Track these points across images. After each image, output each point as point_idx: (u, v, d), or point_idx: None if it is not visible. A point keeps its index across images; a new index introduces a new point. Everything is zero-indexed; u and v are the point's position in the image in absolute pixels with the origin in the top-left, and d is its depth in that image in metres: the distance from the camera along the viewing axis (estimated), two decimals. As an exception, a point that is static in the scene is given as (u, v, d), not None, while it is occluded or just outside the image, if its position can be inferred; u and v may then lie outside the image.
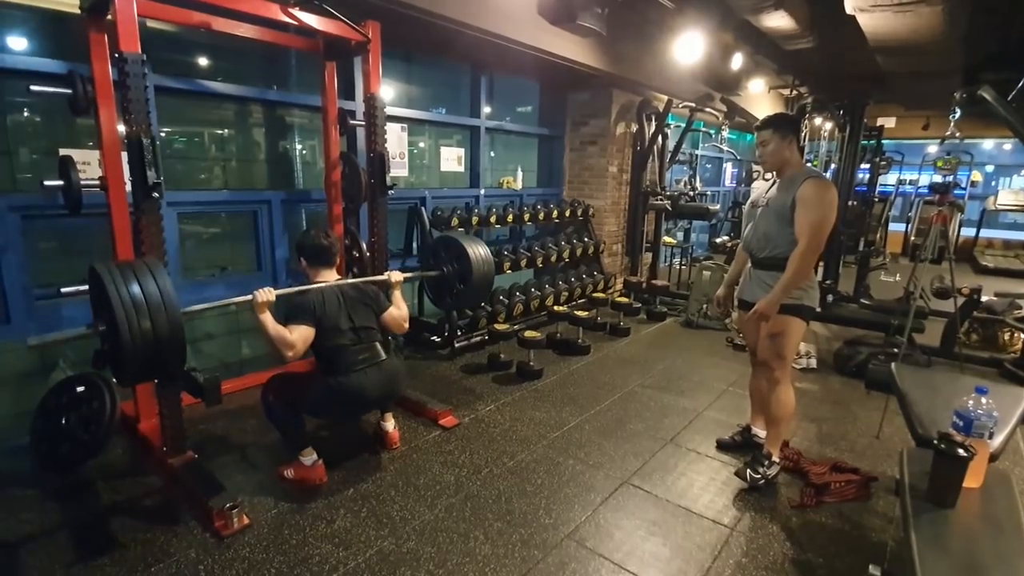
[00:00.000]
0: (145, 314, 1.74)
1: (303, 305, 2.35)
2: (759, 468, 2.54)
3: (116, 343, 1.73)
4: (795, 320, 2.47)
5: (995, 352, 4.39)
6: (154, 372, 1.93)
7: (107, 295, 1.70)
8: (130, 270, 1.80)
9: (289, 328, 2.26)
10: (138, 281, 1.77)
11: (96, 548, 2.04)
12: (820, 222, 2.33)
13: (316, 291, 2.40)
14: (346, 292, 2.50)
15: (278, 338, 2.23)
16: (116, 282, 1.74)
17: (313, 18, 2.78)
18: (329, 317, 2.38)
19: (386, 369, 2.51)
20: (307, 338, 2.30)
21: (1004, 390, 2.25)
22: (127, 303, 1.72)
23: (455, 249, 3.11)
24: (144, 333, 1.73)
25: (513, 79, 5.45)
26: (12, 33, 2.71)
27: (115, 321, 1.69)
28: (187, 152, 3.39)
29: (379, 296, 2.63)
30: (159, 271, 1.85)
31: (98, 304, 1.83)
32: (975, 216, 9.90)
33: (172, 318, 1.80)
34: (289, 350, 2.23)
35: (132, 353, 1.72)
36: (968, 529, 1.54)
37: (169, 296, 1.81)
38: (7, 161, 2.71)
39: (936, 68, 5.32)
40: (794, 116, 2.77)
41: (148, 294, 1.76)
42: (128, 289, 1.74)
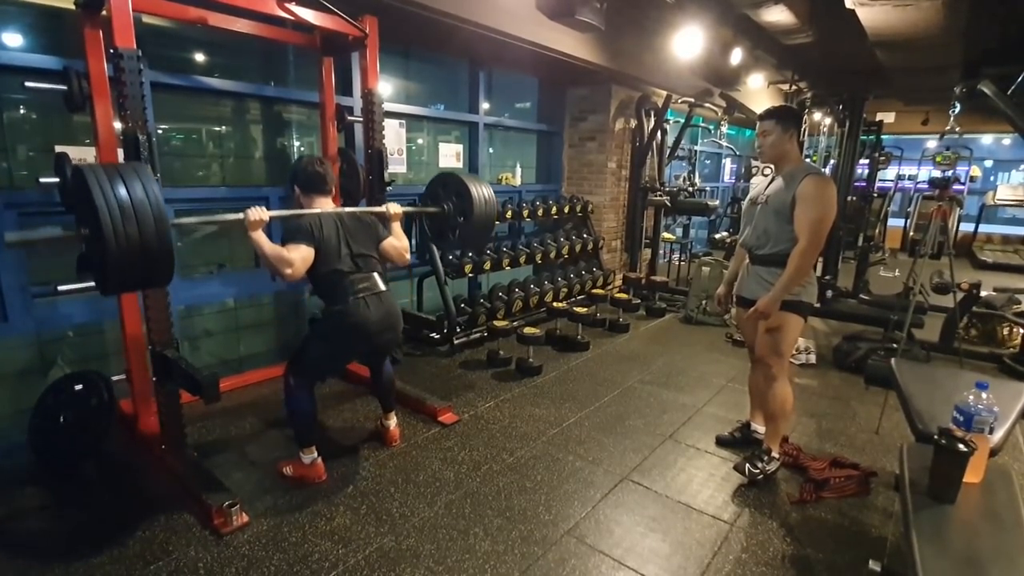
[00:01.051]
0: (131, 217, 1.64)
1: (300, 227, 2.26)
2: (758, 463, 2.55)
3: (100, 247, 1.64)
4: (793, 316, 2.47)
5: (994, 347, 4.39)
6: (139, 280, 1.83)
7: (91, 196, 1.61)
8: (117, 172, 1.70)
9: (287, 247, 2.19)
10: (125, 184, 1.67)
11: (95, 546, 2.04)
12: (820, 219, 2.32)
13: (313, 215, 2.32)
14: (344, 219, 2.42)
15: (275, 256, 2.14)
16: (101, 183, 1.64)
17: (310, 13, 2.76)
18: (327, 241, 2.30)
19: (386, 301, 2.43)
20: (306, 258, 2.22)
21: (1004, 385, 2.26)
22: (112, 205, 1.62)
23: (455, 185, 3.00)
24: (130, 236, 1.64)
25: (512, 75, 5.43)
26: (7, 29, 2.69)
27: (99, 223, 1.60)
28: (184, 149, 3.37)
29: (377, 225, 2.55)
30: (146, 175, 1.75)
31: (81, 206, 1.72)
32: (974, 211, 9.90)
33: (159, 222, 1.70)
34: (288, 267, 2.15)
35: (117, 258, 1.64)
36: (968, 524, 1.54)
37: (156, 199, 1.71)
38: (3, 158, 2.69)
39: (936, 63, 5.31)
40: (798, 110, 2.73)
41: (135, 197, 1.66)
42: (114, 191, 1.64)
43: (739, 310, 2.70)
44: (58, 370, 2.89)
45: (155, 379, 2.44)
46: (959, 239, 9.23)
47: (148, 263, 1.72)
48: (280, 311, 3.91)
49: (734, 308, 2.81)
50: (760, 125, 2.52)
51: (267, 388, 3.40)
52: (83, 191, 1.65)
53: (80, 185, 1.67)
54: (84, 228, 1.73)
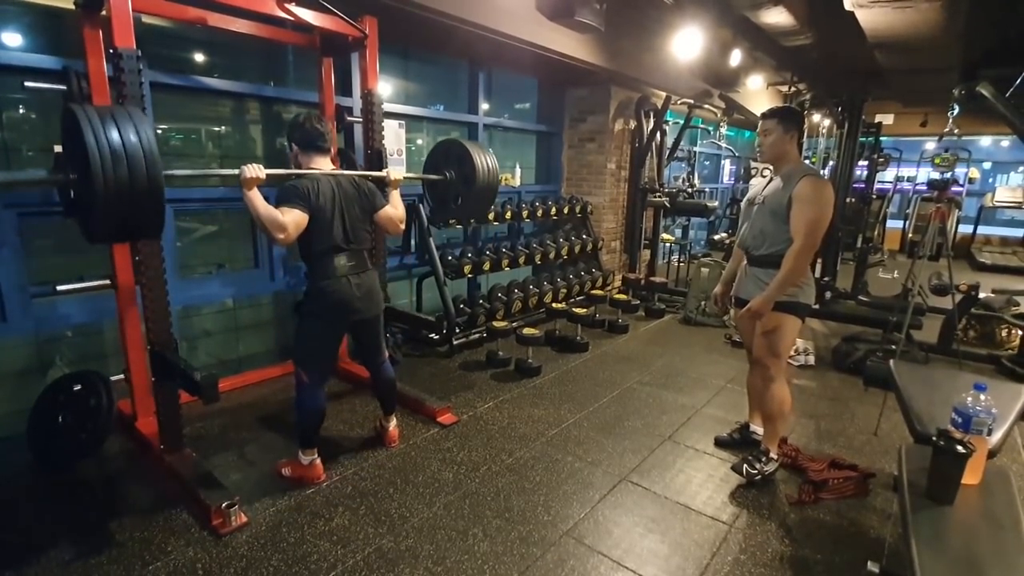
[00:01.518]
0: (122, 161, 1.58)
1: (296, 190, 2.21)
2: (756, 464, 2.55)
3: (89, 191, 1.57)
4: (790, 317, 2.47)
5: (992, 349, 4.39)
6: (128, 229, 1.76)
7: (82, 137, 1.54)
8: (110, 115, 1.63)
9: (281, 210, 2.13)
10: (117, 126, 1.60)
11: (93, 546, 2.04)
12: (816, 220, 2.32)
13: (311, 177, 2.27)
14: (342, 184, 2.38)
15: (268, 217, 2.10)
16: (93, 124, 1.57)
17: (310, 14, 2.76)
18: (322, 209, 2.26)
19: (367, 280, 2.44)
20: (299, 223, 2.17)
21: (1002, 386, 2.26)
22: (104, 148, 1.55)
23: (457, 151, 2.97)
24: (120, 181, 1.57)
25: (511, 75, 5.43)
26: (6, 29, 2.68)
27: (88, 164, 1.54)
28: (184, 149, 3.37)
29: (375, 193, 2.51)
30: (141, 120, 1.68)
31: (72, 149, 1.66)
32: (973, 213, 9.91)
33: (152, 168, 1.64)
34: (280, 232, 2.11)
35: (106, 203, 1.57)
36: (967, 525, 1.54)
37: (150, 145, 1.65)
38: (2, 158, 2.69)
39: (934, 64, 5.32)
40: (800, 112, 2.76)
41: (127, 141, 1.60)
42: (106, 133, 1.57)
43: (737, 311, 2.71)
44: (57, 370, 2.89)
45: (154, 379, 2.44)
46: (958, 241, 9.26)
47: (138, 210, 1.65)
48: (279, 311, 3.91)
49: (732, 309, 2.82)
50: (762, 124, 2.52)
51: (266, 388, 3.39)
52: (73, 132, 1.59)
53: (71, 126, 1.61)
54: (73, 172, 1.67)
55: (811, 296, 2.50)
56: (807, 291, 2.47)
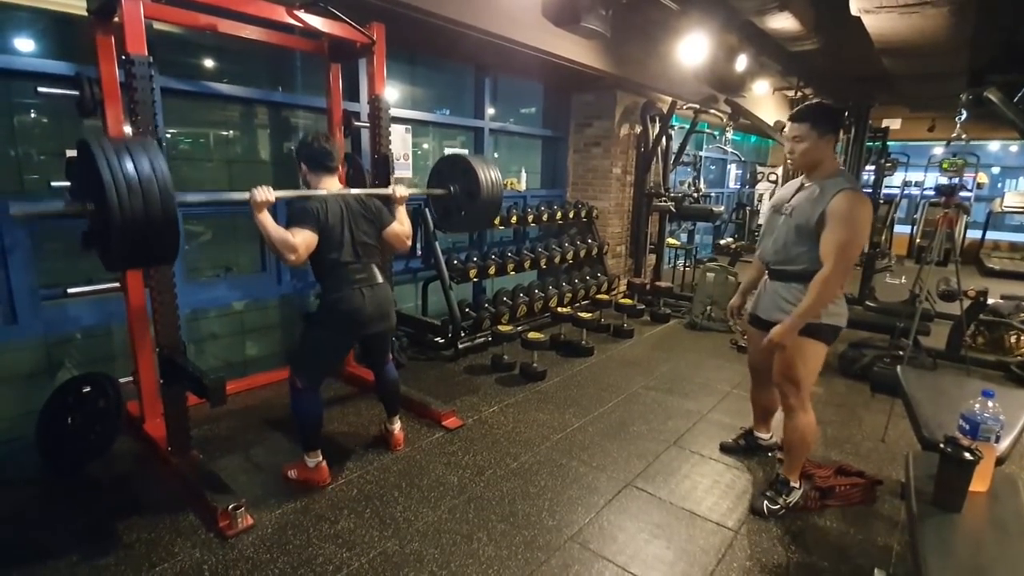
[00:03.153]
0: (138, 192, 1.64)
1: (306, 210, 2.25)
2: (778, 499, 2.36)
3: (105, 221, 1.63)
4: (811, 343, 2.19)
5: (1001, 355, 4.36)
6: (144, 256, 1.82)
7: (97, 169, 1.60)
8: (124, 147, 1.70)
9: (291, 231, 2.18)
10: (132, 158, 1.67)
11: (100, 547, 2.05)
12: (850, 244, 2.06)
13: (319, 197, 2.31)
14: (349, 203, 2.42)
15: (279, 239, 2.14)
16: (108, 156, 1.63)
17: (318, 20, 2.79)
18: (331, 227, 2.31)
19: (380, 293, 2.46)
20: (310, 243, 2.22)
21: (1011, 393, 2.24)
22: (119, 179, 1.62)
23: (461, 166, 3.00)
24: (135, 211, 1.63)
25: (517, 81, 5.45)
26: (20, 35, 2.72)
27: (105, 197, 1.59)
28: (192, 153, 3.40)
29: (382, 211, 2.55)
30: (153, 150, 1.74)
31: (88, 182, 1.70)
32: (981, 218, 9.85)
33: (165, 198, 1.70)
34: (291, 253, 2.15)
35: (122, 232, 1.63)
36: (974, 533, 1.53)
37: (163, 176, 1.71)
38: (15, 162, 2.72)
39: (942, 70, 5.30)
40: (838, 109, 2.29)
41: (141, 172, 1.66)
42: (121, 165, 1.63)
43: (752, 329, 2.50)
44: (66, 372, 2.91)
45: (162, 381, 2.45)
46: (966, 246, 9.19)
47: (153, 239, 1.71)
48: (286, 315, 3.93)
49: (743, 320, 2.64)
50: (790, 128, 2.21)
51: (272, 391, 3.41)
52: (89, 165, 1.64)
53: (87, 159, 1.66)
54: (89, 203, 1.72)
55: (840, 317, 2.22)
56: (832, 310, 2.18)
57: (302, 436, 2.50)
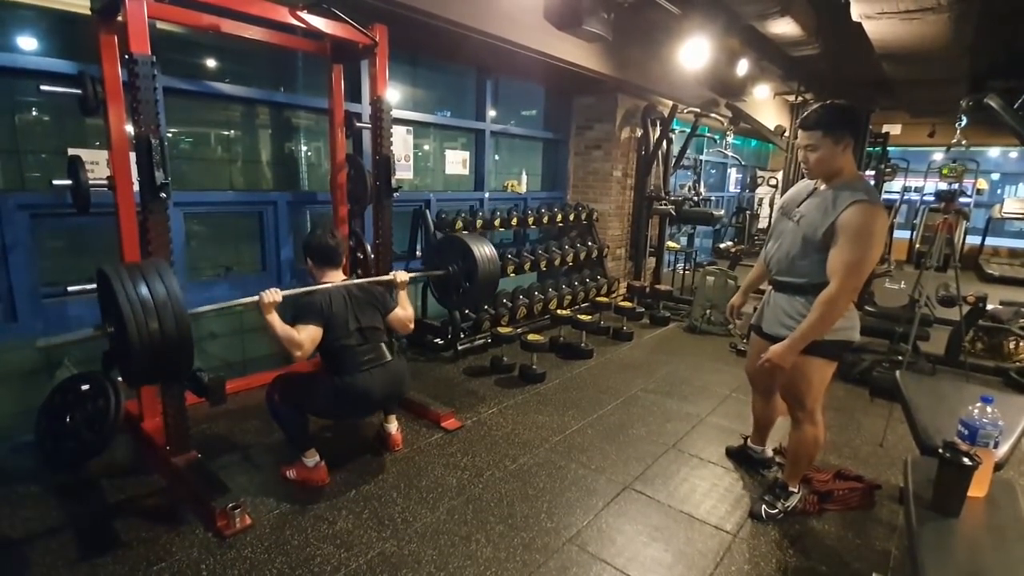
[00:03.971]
0: (153, 315, 1.74)
1: (311, 305, 2.34)
2: (776, 503, 2.34)
3: (124, 344, 1.73)
4: (813, 361, 2.08)
5: (1000, 361, 4.36)
6: (162, 373, 1.93)
7: (115, 296, 1.71)
8: (138, 271, 1.81)
9: (297, 328, 2.26)
10: (146, 282, 1.78)
11: (99, 546, 2.05)
12: (860, 263, 1.89)
13: (323, 292, 2.41)
14: (352, 292, 2.50)
15: (286, 338, 2.22)
16: (124, 283, 1.74)
17: (321, 21, 2.80)
18: (336, 317, 2.38)
19: (391, 370, 2.51)
20: (315, 338, 2.29)
21: (1009, 399, 2.25)
22: (135, 304, 1.72)
23: (460, 248, 3.09)
24: (152, 334, 1.74)
25: (518, 83, 5.47)
26: (23, 33, 2.73)
27: (123, 322, 1.70)
28: (194, 153, 3.41)
29: (385, 296, 2.63)
30: (166, 272, 1.86)
31: (106, 305, 1.84)
32: (981, 224, 9.86)
33: (179, 319, 1.80)
34: (297, 350, 2.22)
35: (140, 354, 1.72)
36: (972, 538, 1.53)
37: (176, 297, 1.81)
38: (17, 160, 2.73)
39: (942, 76, 5.32)
40: (852, 110, 2.01)
41: (156, 295, 1.77)
42: (136, 290, 1.75)
43: (753, 338, 2.42)
44: (65, 370, 2.91)
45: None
46: (965, 252, 9.20)
47: (170, 358, 1.81)
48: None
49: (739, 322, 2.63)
50: (802, 136, 2.03)
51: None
52: (108, 292, 1.76)
53: (105, 286, 1.79)
54: (110, 326, 1.84)
55: (849, 331, 2.09)
56: (841, 326, 2.03)
57: (291, 440, 2.53)
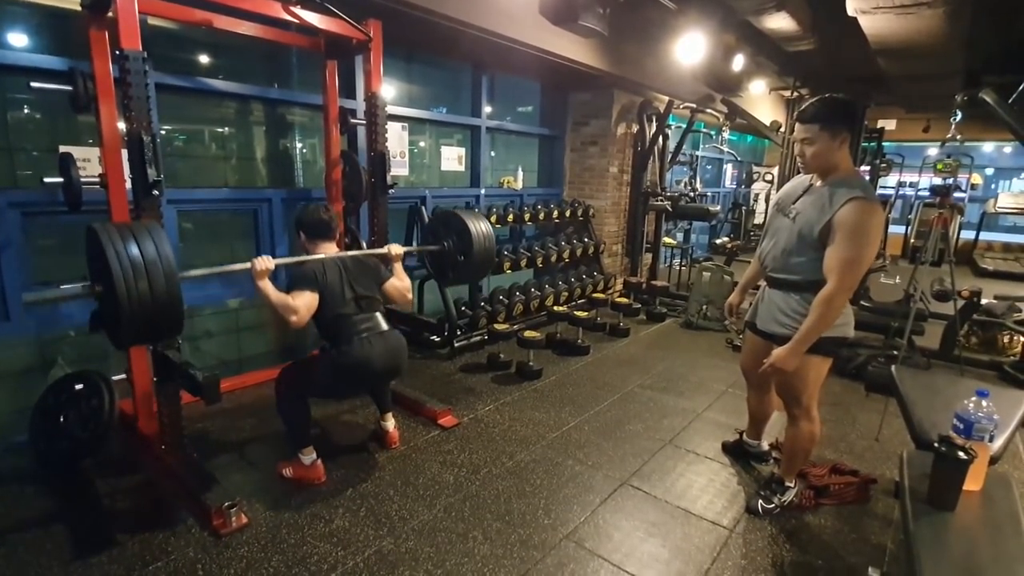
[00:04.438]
0: (143, 275, 1.71)
1: (305, 273, 2.34)
2: (773, 498, 2.35)
3: (113, 304, 1.70)
4: (812, 358, 2.07)
5: (994, 355, 4.38)
6: (151, 335, 1.90)
7: (104, 254, 1.67)
8: (128, 230, 1.77)
9: (292, 295, 2.26)
10: (136, 242, 1.74)
11: (94, 546, 2.04)
12: (857, 261, 1.89)
13: (316, 261, 2.40)
14: (346, 263, 2.49)
15: (280, 303, 2.22)
16: (114, 241, 1.70)
17: (315, 16, 2.78)
18: (331, 286, 2.37)
19: (390, 340, 2.48)
20: (311, 304, 2.29)
21: (1004, 393, 2.26)
22: (125, 263, 1.69)
23: (456, 224, 3.05)
24: (141, 294, 1.70)
25: (514, 79, 5.45)
26: (13, 29, 2.70)
27: (112, 281, 1.67)
28: (188, 150, 3.38)
29: (380, 267, 2.63)
30: (158, 233, 1.81)
31: (95, 264, 1.79)
32: (975, 219, 9.91)
33: (170, 279, 1.77)
34: (293, 315, 2.21)
35: (129, 314, 1.70)
36: (968, 532, 1.54)
37: (167, 257, 1.78)
38: (7, 157, 2.70)
39: (937, 71, 5.32)
40: (849, 104, 2.01)
41: (146, 255, 1.73)
42: (126, 249, 1.71)
43: (748, 334, 2.43)
44: (59, 369, 2.89)
45: (156, 379, 2.44)
46: (960, 246, 9.24)
47: (159, 319, 1.78)
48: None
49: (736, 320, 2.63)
50: (799, 129, 2.02)
51: (267, 389, 3.37)
52: (97, 251, 1.72)
53: (94, 245, 1.74)
54: (98, 285, 1.80)
55: (843, 327, 2.10)
56: (839, 322, 2.04)
57: (291, 435, 2.53)
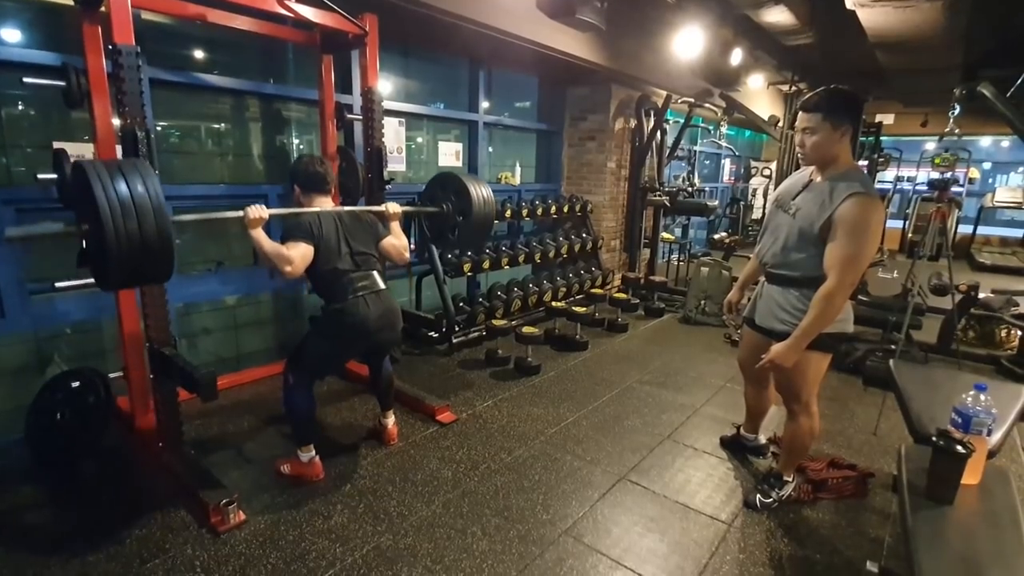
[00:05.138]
0: (132, 213, 1.64)
1: (300, 225, 2.29)
2: (771, 492, 2.36)
3: (101, 243, 1.64)
4: (812, 354, 2.07)
5: (992, 349, 4.40)
6: (140, 276, 1.84)
7: (92, 191, 1.61)
8: (117, 167, 1.71)
9: (287, 245, 2.22)
10: (125, 180, 1.67)
11: (91, 543, 2.03)
12: (858, 257, 1.88)
13: (312, 214, 2.35)
14: (343, 218, 2.45)
15: (274, 253, 2.17)
16: (102, 178, 1.64)
17: (310, 11, 2.75)
18: (327, 239, 2.33)
19: (385, 300, 2.44)
20: (306, 255, 2.24)
21: (1001, 387, 2.26)
22: (113, 200, 1.62)
23: (455, 186, 3.00)
24: (131, 233, 1.64)
25: (512, 74, 5.43)
26: (5, 25, 2.67)
27: (100, 219, 1.60)
28: (183, 146, 3.36)
29: (377, 224, 2.58)
30: (147, 172, 1.74)
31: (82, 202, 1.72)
32: (973, 213, 9.92)
33: (160, 219, 1.70)
34: (287, 265, 2.17)
35: (117, 253, 1.64)
36: (966, 525, 1.54)
37: (157, 196, 1.71)
38: (1, 154, 2.68)
39: (935, 64, 5.31)
40: (854, 96, 1.98)
41: (135, 194, 1.67)
42: (115, 186, 1.64)
43: (746, 330, 2.42)
44: (55, 367, 2.88)
45: (153, 377, 2.43)
46: (957, 241, 9.26)
47: (149, 259, 1.71)
48: (278, 309, 3.90)
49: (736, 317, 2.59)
50: (801, 118, 2.01)
51: (265, 386, 3.39)
52: (84, 187, 1.65)
53: (81, 181, 1.67)
54: (85, 224, 1.73)
55: (845, 324, 2.10)
56: (839, 318, 2.03)
57: (295, 430, 2.50)
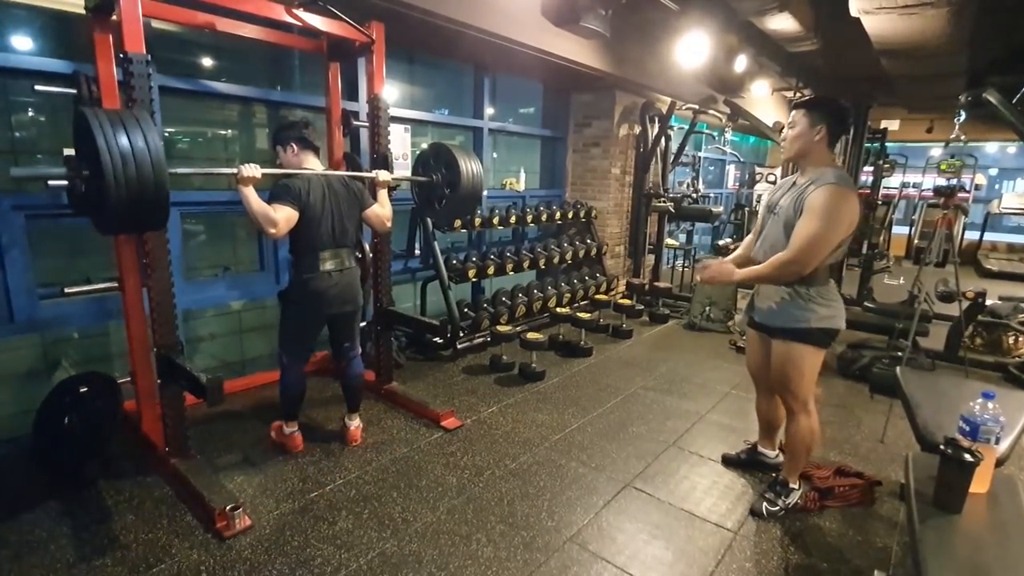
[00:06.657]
0: (131, 160, 1.73)
1: (289, 188, 2.38)
2: (777, 500, 2.36)
3: (100, 187, 1.72)
4: (801, 348, 2.15)
5: (999, 356, 4.36)
6: (136, 222, 1.93)
7: (93, 137, 1.69)
8: (118, 117, 1.79)
9: (274, 207, 2.31)
10: (126, 129, 1.76)
11: (97, 548, 2.04)
12: (819, 238, 1.99)
13: (303, 178, 2.45)
14: (332, 184, 2.55)
15: (261, 213, 2.28)
16: (104, 126, 1.72)
17: (317, 19, 2.78)
18: (312, 208, 2.44)
19: (347, 276, 2.62)
20: (290, 219, 2.35)
21: (1010, 394, 2.24)
22: (113, 147, 1.70)
23: (446, 157, 3.09)
24: (129, 179, 1.73)
25: (516, 80, 5.45)
26: (17, 33, 2.71)
27: (100, 164, 1.68)
28: (191, 152, 3.39)
29: (364, 192, 2.70)
30: (147, 123, 1.83)
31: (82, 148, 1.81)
32: (979, 219, 9.87)
33: (157, 167, 1.79)
34: (271, 227, 2.29)
35: (116, 199, 1.72)
36: (974, 535, 1.53)
37: (155, 146, 1.80)
38: (12, 160, 2.71)
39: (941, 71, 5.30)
40: (837, 104, 2.19)
41: (134, 142, 1.75)
42: (115, 135, 1.72)
43: (750, 332, 2.48)
44: (63, 371, 2.90)
45: (159, 381, 2.44)
46: (964, 247, 9.21)
47: (145, 205, 1.80)
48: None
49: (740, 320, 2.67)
50: (790, 116, 2.25)
51: (270, 391, 3.39)
52: (85, 134, 1.73)
53: (83, 128, 1.75)
54: (85, 169, 1.81)
55: (833, 319, 2.15)
56: (825, 312, 2.11)
57: (282, 405, 2.71)
